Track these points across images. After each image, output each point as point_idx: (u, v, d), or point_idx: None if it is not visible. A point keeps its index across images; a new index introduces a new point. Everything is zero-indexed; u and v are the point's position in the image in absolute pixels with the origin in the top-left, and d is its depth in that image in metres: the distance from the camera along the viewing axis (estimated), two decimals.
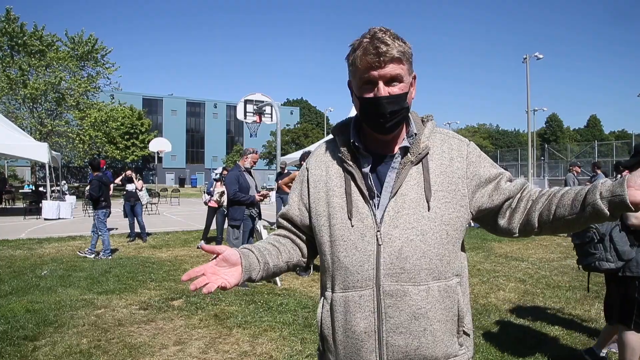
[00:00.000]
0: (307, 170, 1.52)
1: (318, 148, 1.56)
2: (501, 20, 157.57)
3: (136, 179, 11.32)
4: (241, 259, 1.37)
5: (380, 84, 1.31)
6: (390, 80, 1.32)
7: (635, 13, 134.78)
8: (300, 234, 1.55)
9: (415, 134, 1.41)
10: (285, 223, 1.58)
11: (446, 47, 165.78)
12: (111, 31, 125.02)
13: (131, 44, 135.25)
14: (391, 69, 1.30)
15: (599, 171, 11.82)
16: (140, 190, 11.32)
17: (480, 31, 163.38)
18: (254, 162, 6.97)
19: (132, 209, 11.02)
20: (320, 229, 1.44)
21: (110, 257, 8.85)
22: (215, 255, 1.36)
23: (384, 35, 1.30)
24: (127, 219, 11.22)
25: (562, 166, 37.24)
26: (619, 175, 9.43)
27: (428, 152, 1.39)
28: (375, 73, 1.30)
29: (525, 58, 35.10)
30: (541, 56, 34.85)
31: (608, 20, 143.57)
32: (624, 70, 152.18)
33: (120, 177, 12.59)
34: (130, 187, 11.06)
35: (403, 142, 1.40)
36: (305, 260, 1.58)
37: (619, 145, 39.46)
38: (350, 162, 1.41)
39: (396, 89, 1.32)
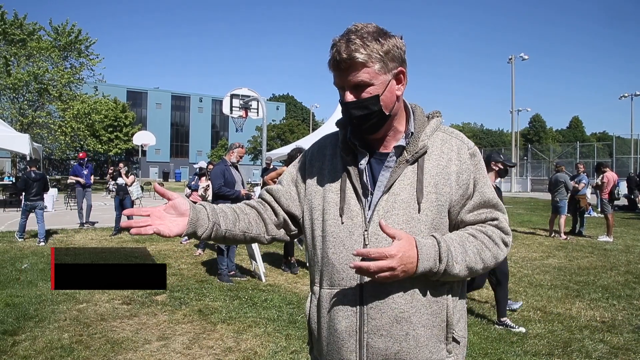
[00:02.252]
0: (306, 161, 1.51)
1: (321, 139, 1.54)
2: (488, 20, 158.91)
3: (127, 174, 11.15)
4: (190, 211, 1.32)
5: (346, 90, 1.30)
6: (356, 87, 1.29)
7: (619, 17, 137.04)
8: (278, 211, 1.51)
9: (412, 133, 1.37)
10: (267, 196, 1.54)
11: (432, 46, 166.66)
12: (96, 22, 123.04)
13: (117, 36, 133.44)
14: (353, 76, 1.27)
15: (581, 171, 11.90)
16: (130, 185, 11.15)
17: (467, 30, 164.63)
18: (240, 157, 6.93)
19: (121, 203, 10.89)
20: (313, 222, 1.42)
21: (21, 239, 9.71)
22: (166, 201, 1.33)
23: (353, 36, 1.25)
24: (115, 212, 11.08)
25: (545, 166, 37.78)
26: (601, 176, 9.41)
27: (426, 152, 1.36)
28: (338, 80, 1.31)
29: (511, 59, 35.53)
30: (526, 57, 35.32)
31: (592, 23, 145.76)
32: (606, 73, 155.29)
33: (110, 173, 12.48)
34: (121, 180, 10.95)
35: (399, 140, 1.38)
36: (268, 238, 1.51)
37: (600, 147, 40.23)
38: (348, 159, 1.39)
39: (365, 93, 1.29)
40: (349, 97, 1.29)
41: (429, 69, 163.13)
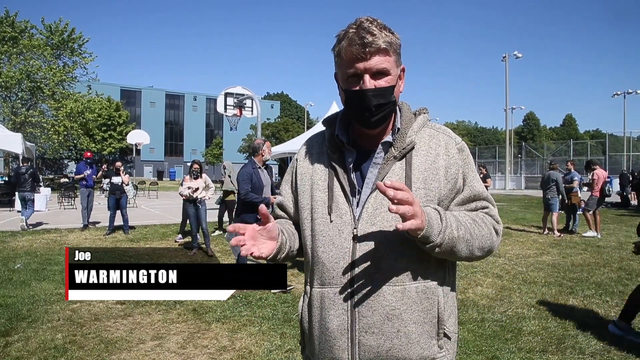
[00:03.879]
0: (297, 162, 1.51)
1: (308, 140, 1.54)
2: (482, 19, 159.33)
3: (123, 173, 11.06)
4: (278, 237, 1.34)
5: (366, 76, 1.26)
6: (377, 73, 1.27)
7: (613, 16, 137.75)
8: (293, 223, 1.54)
9: (399, 129, 1.36)
10: (280, 212, 1.56)
11: (427, 45, 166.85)
12: (90, 21, 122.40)
13: (111, 35, 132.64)
14: (377, 62, 1.26)
15: (571, 168, 11.81)
16: (127, 184, 11.07)
17: (461, 29, 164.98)
18: (270, 151, 6.27)
19: (117, 202, 10.79)
20: (303, 222, 1.42)
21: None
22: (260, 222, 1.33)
23: (370, 25, 1.25)
24: (109, 211, 10.92)
25: (539, 164, 37.96)
26: (591, 173, 9.40)
27: (413, 147, 1.34)
28: (360, 65, 1.26)
29: (505, 57, 35.61)
30: (520, 55, 35.46)
31: (586, 22, 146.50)
32: (599, 71, 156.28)
33: (103, 171, 12.36)
34: (116, 179, 10.82)
35: (386, 137, 1.37)
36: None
37: (593, 144, 40.46)
38: (334, 157, 1.38)
39: (382, 82, 1.28)
40: (370, 83, 1.27)
41: (423, 67, 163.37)
